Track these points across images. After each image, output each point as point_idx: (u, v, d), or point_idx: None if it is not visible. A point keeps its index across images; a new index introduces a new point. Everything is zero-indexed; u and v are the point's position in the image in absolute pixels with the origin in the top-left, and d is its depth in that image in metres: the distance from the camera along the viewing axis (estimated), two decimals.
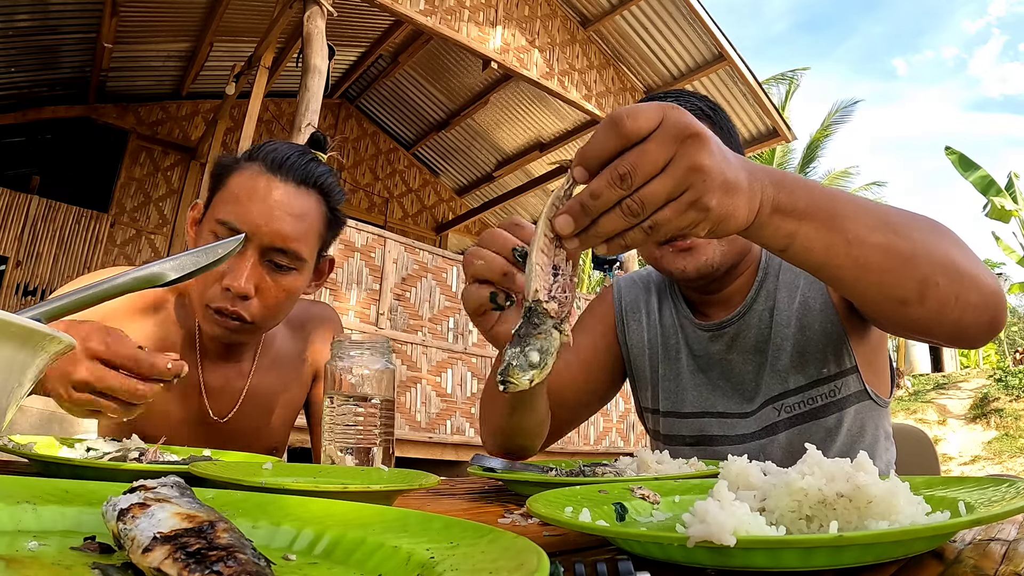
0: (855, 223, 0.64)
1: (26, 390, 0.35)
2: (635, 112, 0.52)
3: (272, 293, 1.05)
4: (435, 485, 0.66)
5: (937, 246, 0.68)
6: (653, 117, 0.51)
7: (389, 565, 0.34)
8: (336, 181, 1.16)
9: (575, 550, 0.47)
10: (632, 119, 0.51)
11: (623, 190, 0.51)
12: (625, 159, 0.51)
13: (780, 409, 1.07)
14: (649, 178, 0.51)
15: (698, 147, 0.51)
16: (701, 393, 1.16)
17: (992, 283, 0.71)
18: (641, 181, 0.51)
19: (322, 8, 5.15)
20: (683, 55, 7.34)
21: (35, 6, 6.04)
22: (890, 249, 0.65)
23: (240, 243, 0.52)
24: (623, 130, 0.51)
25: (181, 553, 0.29)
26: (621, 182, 0.51)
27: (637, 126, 0.51)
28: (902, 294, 0.68)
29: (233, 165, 1.09)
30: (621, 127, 0.51)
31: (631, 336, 1.27)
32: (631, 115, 0.51)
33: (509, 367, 0.51)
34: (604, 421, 6.87)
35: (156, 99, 8.18)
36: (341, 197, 1.16)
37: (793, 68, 19.26)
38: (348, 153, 9.79)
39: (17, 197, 7.18)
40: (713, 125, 1.05)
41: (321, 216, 1.11)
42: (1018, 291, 17.06)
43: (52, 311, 0.40)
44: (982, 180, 14.30)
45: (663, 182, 0.51)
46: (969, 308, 0.69)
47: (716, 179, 0.53)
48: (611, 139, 0.52)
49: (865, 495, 0.40)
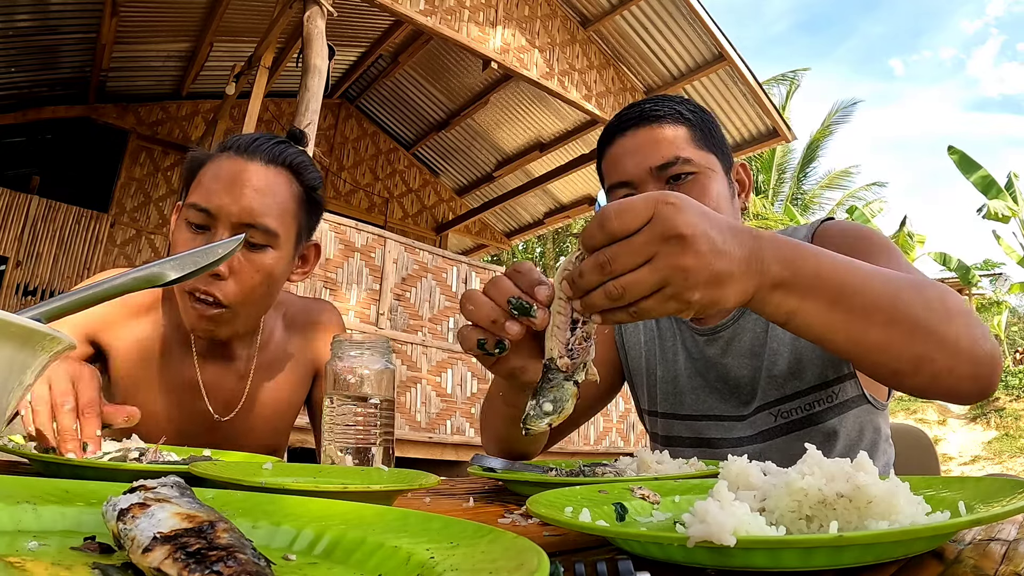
0: (859, 300, 0.64)
1: (27, 390, 0.35)
2: (624, 210, 0.54)
3: (247, 272, 1.03)
4: (435, 485, 0.66)
5: (938, 323, 0.68)
6: (642, 214, 0.54)
7: (389, 565, 0.34)
8: (309, 162, 1.14)
9: (575, 550, 0.47)
10: (619, 218, 0.54)
11: (604, 276, 0.55)
12: (608, 250, 0.55)
13: (777, 415, 1.08)
14: (629, 269, 0.54)
15: (682, 248, 0.54)
16: (699, 396, 1.17)
17: (987, 353, 0.71)
18: (621, 271, 0.54)
19: (322, 8, 5.15)
20: (683, 55, 7.34)
21: (35, 6, 6.04)
22: (890, 328, 0.65)
23: (240, 243, 0.52)
24: (608, 229, 0.55)
25: (181, 553, 0.29)
26: (601, 270, 0.55)
27: (623, 226, 0.54)
28: (897, 367, 0.69)
29: (204, 157, 1.10)
30: (607, 226, 0.55)
31: (628, 339, 1.28)
32: (619, 214, 0.54)
33: (527, 417, 0.59)
34: (604, 421, 6.87)
35: (156, 99, 8.18)
36: (315, 177, 1.15)
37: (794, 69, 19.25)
38: (348, 153, 9.79)
39: (17, 197, 7.18)
40: (692, 128, 1.07)
41: (293, 194, 1.09)
42: (1018, 291, 17.06)
43: (52, 311, 0.40)
44: (983, 180, 14.31)
45: (644, 275, 0.54)
46: (963, 379, 0.70)
47: (699, 276, 0.55)
48: (598, 235, 0.55)
49: (865, 495, 0.40)
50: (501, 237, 11.37)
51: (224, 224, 1.02)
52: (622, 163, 1.07)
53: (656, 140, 1.05)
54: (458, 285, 6.06)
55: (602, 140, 1.15)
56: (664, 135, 1.05)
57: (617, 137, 1.09)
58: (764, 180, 17.78)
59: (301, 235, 1.14)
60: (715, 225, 0.55)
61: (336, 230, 5.32)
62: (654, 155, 1.04)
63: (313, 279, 5.09)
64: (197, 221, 1.03)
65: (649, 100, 1.12)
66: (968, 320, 0.70)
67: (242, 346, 1.19)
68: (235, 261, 1.03)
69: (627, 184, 1.07)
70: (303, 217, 1.13)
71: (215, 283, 1.01)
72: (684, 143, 1.05)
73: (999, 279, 17.39)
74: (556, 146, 8.87)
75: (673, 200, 0.54)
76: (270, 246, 1.06)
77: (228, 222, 1.02)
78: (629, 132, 1.08)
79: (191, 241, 1.02)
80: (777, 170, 18.04)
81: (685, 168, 1.03)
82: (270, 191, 1.05)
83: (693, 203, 0.55)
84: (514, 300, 0.62)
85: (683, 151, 1.04)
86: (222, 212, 1.02)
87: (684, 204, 0.54)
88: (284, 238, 1.08)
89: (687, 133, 1.06)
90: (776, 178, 18.12)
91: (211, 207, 1.02)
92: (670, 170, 1.03)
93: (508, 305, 0.62)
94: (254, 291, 1.06)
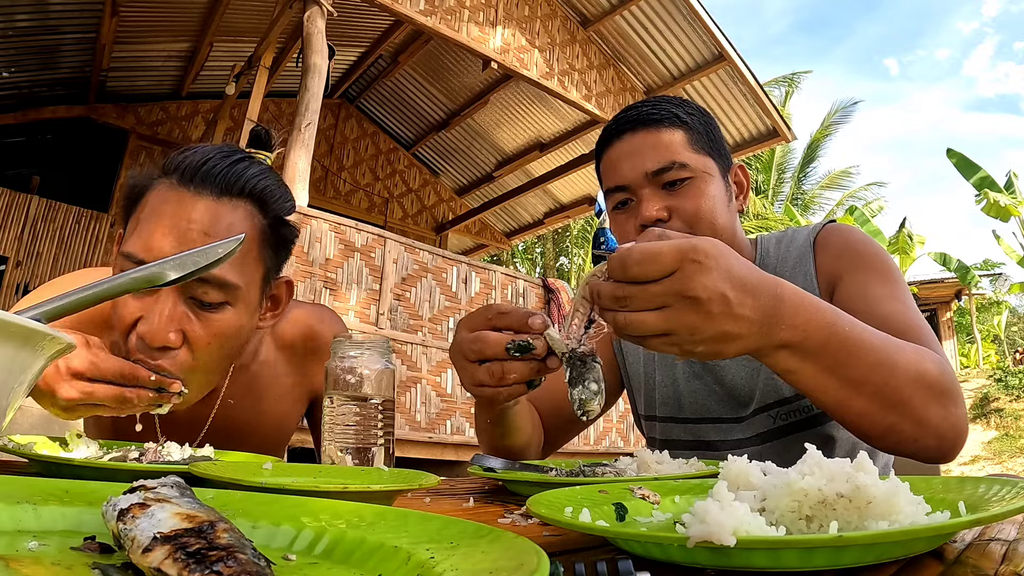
0: (855, 372, 0.68)
1: (26, 390, 0.35)
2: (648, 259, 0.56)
3: (203, 339, 0.84)
4: (435, 485, 0.66)
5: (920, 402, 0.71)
6: (665, 267, 0.56)
7: (389, 565, 0.34)
8: (275, 183, 0.93)
9: (575, 550, 0.47)
10: (640, 266, 0.56)
11: (618, 307, 0.59)
12: (626, 287, 0.58)
13: (775, 417, 1.08)
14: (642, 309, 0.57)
15: (694, 308, 0.56)
16: (696, 399, 1.17)
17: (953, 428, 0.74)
18: (634, 309, 0.58)
19: (322, 8, 5.15)
20: (683, 55, 7.34)
21: (35, 6, 6.04)
22: (874, 399, 0.69)
23: (239, 243, 0.50)
24: (629, 273, 0.57)
25: (181, 553, 0.29)
26: (616, 302, 0.58)
27: (643, 273, 0.56)
28: (868, 431, 0.73)
29: (145, 184, 0.90)
30: (628, 270, 0.57)
31: (627, 345, 1.28)
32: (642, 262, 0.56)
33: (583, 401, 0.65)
34: (604, 421, 6.87)
35: (156, 99, 8.18)
36: (284, 201, 0.94)
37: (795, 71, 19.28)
38: (348, 153, 9.79)
39: (17, 197, 7.18)
40: (690, 132, 1.07)
41: (256, 233, 0.89)
42: (1018, 291, 17.06)
43: (52, 311, 0.40)
44: (983, 181, 14.31)
45: (653, 320, 0.57)
46: (925, 449, 0.74)
47: (705, 334, 0.57)
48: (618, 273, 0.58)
49: (865, 495, 0.40)
50: (501, 237, 11.36)
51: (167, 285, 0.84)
52: (619, 167, 1.07)
53: (652, 144, 1.05)
54: (458, 285, 6.06)
55: (600, 143, 1.15)
56: (660, 139, 1.05)
57: (614, 140, 1.10)
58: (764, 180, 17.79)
59: (268, 276, 0.94)
60: (737, 285, 0.57)
61: (336, 230, 5.32)
62: (650, 160, 1.04)
63: (313, 279, 5.08)
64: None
65: (647, 102, 1.12)
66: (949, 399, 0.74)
67: None
68: (187, 325, 0.84)
69: (623, 188, 1.07)
70: (268, 256, 0.92)
71: (167, 354, 0.82)
72: (681, 147, 1.05)
73: (999, 279, 17.40)
74: (556, 146, 8.87)
75: (700, 258, 0.56)
76: (227, 303, 0.86)
77: None
78: (626, 136, 1.08)
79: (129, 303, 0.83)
80: (777, 170, 18.04)
81: (681, 173, 1.03)
82: (225, 235, 0.83)
83: (721, 261, 0.57)
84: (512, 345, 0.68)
85: (679, 155, 1.04)
86: None
87: (709, 263, 0.56)
88: (246, 289, 0.88)
89: (684, 137, 1.06)
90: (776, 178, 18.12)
91: (148, 260, 0.80)
92: (666, 175, 1.03)
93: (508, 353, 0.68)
94: (211, 357, 0.86)
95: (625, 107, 1.14)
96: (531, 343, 0.67)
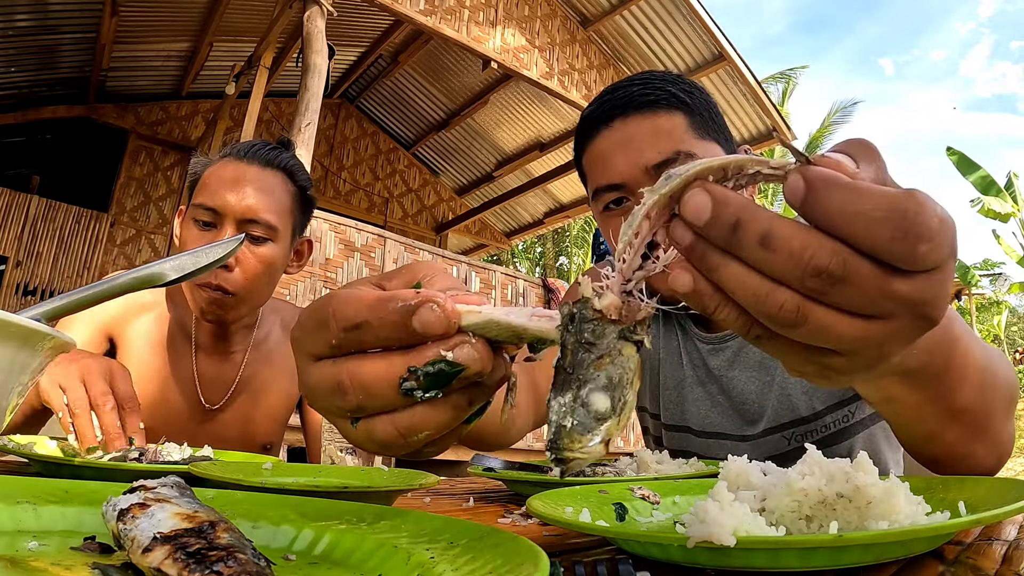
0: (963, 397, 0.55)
1: (26, 390, 0.35)
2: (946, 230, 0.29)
3: (251, 263, 1.15)
4: (435, 485, 0.66)
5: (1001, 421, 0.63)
6: (946, 253, 0.30)
7: (389, 565, 0.34)
8: (301, 165, 1.27)
9: (575, 550, 0.47)
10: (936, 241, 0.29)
11: (797, 282, 0.30)
12: (850, 261, 0.29)
13: (790, 439, 0.96)
14: (833, 301, 0.30)
15: (916, 333, 0.31)
16: (699, 408, 1.05)
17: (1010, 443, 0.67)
18: (828, 293, 0.30)
19: (322, 8, 5.15)
20: (683, 55, 7.34)
21: (35, 6, 6.04)
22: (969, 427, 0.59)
23: (240, 243, 0.52)
24: (906, 248, 0.28)
25: (181, 553, 0.29)
26: (811, 275, 0.29)
27: (928, 255, 0.29)
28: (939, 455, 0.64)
29: (207, 163, 1.21)
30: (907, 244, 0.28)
31: None
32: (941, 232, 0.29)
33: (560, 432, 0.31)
34: None
35: (156, 99, 8.18)
36: (307, 179, 1.27)
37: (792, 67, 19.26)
38: (348, 153, 9.79)
39: (17, 197, 7.18)
40: (691, 114, 0.91)
41: (288, 193, 1.21)
42: (1018, 291, 17.06)
43: (52, 311, 0.40)
44: (982, 180, 14.30)
45: (850, 330, 0.30)
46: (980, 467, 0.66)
47: (869, 362, 0.33)
48: (882, 238, 0.28)
49: (865, 495, 0.40)
50: (501, 237, 11.36)
51: (229, 220, 1.13)
52: (610, 161, 0.90)
53: (650, 131, 0.88)
54: None
55: (582, 131, 0.95)
56: (660, 125, 0.88)
57: (602, 128, 0.91)
58: None
59: (295, 231, 1.24)
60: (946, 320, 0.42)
61: (336, 230, 5.32)
62: (650, 151, 0.87)
63: (313, 279, 5.09)
64: (204, 219, 1.14)
65: (637, 79, 0.93)
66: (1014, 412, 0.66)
67: (238, 340, 1.28)
68: (240, 253, 1.13)
69: (617, 187, 0.89)
70: (297, 215, 1.24)
71: (223, 274, 1.12)
72: (684, 133, 0.88)
73: (999, 279, 17.40)
74: (556, 146, 8.87)
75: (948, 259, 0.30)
76: (270, 239, 1.17)
77: (232, 218, 1.13)
78: (616, 122, 0.90)
79: (200, 239, 1.13)
80: None
81: None
82: (268, 190, 1.16)
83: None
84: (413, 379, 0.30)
85: (684, 144, 0.87)
86: (227, 209, 1.12)
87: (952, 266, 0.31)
88: (282, 232, 1.18)
89: (686, 120, 0.89)
90: None
91: (217, 206, 1.12)
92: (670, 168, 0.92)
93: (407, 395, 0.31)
94: (258, 279, 1.16)
95: (608, 87, 0.93)
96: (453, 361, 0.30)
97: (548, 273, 18.41)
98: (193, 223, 1.14)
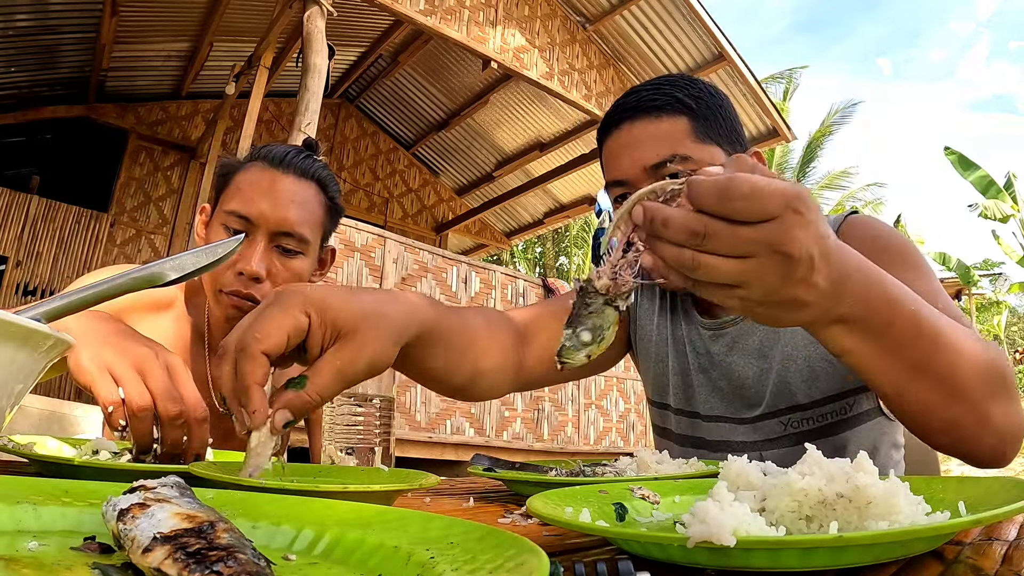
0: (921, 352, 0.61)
1: (27, 390, 0.35)
2: (756, 195, 0.46)
3: (282, 276, 1.13)
4: (435, 485, 0.66)
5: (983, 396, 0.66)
6: (770, 210, 0.47)
7: (389, 565, 0.34)
8: (331, 175, 1.26)
9: (575, 550, 0.47)
10: (746, 201, 0.46)
11: (689, 242, 0.48)
12: (713, 224, 0.47)
13: (787, 424, 1.01)
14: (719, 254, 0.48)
15: (782, 266, 0.49)
16: (701, 393, 1.10)
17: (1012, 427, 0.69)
18: (710, 251, 0.48)
19: (322, 8, 5.14)
20: (683, 55, 7.34)
21: (35, 6, 6.04)
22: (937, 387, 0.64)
23: (240, 243, 0.53)
24: (728, 206, 0.46)
25: (181, 553, 0.29)
26: (692, 236, 0.48)
27: (745, 211, 0.47)
28: (928, 424, 0.68)
29: (237, 165, 1.19)
30: (728, 204, 0.46)
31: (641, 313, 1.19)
32: (750, 196, 0.46)
33: (563, 349, 0.52)
34: (604, 421, 6.86)
35: (156, 99, 8.17)
36: (337, 189, 1.26)
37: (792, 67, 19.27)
38: (348, 153, 9.79)
39: (17, 197, 7.18)
40: (694, 119, 0.98)
41: (321, 204, 1.20)
42: (1018, 291, 17.06)
43: (52, 311, 0.40)
44: (982, 180, 14.29)
45: (728, 268, 0.49)
46: (984, 448, 0.69)
47: (779, 295, 0.51)
48: (711, 201, 0.47)
49: (865, 495, 0.40)
50: (501, 237, 11.36)
51: (262, 231, 1.11)
52: (618, 160, 1.01)
53: (652, 135, 0.98)
54: (458, 285, 6.06)
55: (601, 131, 1.08)
56: (660, 129, 0.97)
57: (613, 130, 1.03)
58: None
59: (324, 241, 1.24)
60: (822, 248, 0.51)
61: (336, 230, 5.32)
62: (649, 152, 0.97)
63: (313, 278, 5.09)
64: (236, 227, 1.11)
65: (648, 85, 1.03)
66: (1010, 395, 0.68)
67: None
68: (273, 266, 1.12)
69: (622, 183, 1.00)
70: (327, 225, 1.24)
71: (254, 285, 1.10)
72: (683, 137, 0.97)
73: (999, 279, 17.39)
74: (556, 146, 8.86)
75: (803, 209, 0.48)
76: (302, 253, 1.16)
77: (266, 229, 1.11)
78: (625, 125, 1.01)
79: None
80: (777, 170, 18.04)
81: (683, 166, 0.95)
82: (304, 203, 1.15)
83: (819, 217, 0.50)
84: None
85: (680, 147, 0.96)
86: (262, 219, 1.11)
87: (810, 217, 0.48)
88: (314, 244, 1.18)
89: (688, 125, 0.98)
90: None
91: (251, 215, 1.10)
92: (666, 169, 0.95)
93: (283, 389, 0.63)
94: None
95: (626, 91, 1.06)
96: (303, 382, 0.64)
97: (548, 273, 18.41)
98: (223, 228, 1.12)
